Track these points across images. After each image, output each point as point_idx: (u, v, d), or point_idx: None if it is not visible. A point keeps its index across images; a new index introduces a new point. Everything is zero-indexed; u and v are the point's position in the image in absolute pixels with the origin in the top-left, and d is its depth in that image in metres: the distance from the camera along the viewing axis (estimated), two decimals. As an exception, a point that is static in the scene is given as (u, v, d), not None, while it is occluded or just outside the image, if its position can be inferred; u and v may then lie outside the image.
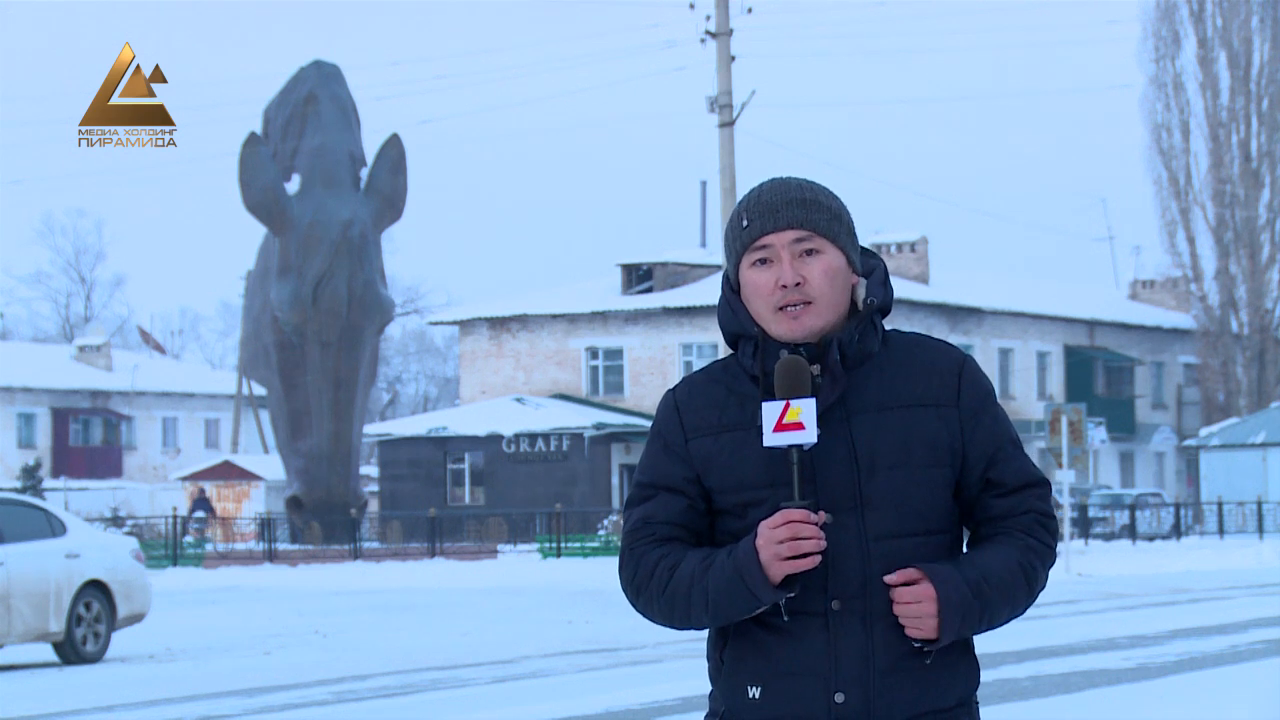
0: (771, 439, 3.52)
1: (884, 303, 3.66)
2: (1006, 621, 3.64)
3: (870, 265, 3.70)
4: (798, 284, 3.58)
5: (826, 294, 3.59)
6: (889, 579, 3.52)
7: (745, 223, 3.63)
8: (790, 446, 3.51)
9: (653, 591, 3.60)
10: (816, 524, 3.47)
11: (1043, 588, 3.65)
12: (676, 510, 3.63)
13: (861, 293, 3.65)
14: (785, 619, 3.55)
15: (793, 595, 3.50)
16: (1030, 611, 3.70)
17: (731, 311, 3.67)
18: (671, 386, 3.75)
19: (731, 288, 3.69)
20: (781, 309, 3.59)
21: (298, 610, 28.74)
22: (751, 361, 3.63)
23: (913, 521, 3.57)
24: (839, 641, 3.54)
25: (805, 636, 3.55)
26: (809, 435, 3.51)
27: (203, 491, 64.70)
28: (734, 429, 3.61)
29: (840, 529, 3.53)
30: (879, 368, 3.63)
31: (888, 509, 3.56)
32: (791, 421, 3.51)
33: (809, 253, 3.60)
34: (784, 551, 3.45)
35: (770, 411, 3.53)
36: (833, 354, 3.59)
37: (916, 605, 3.50)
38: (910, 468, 3.57)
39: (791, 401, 3.52)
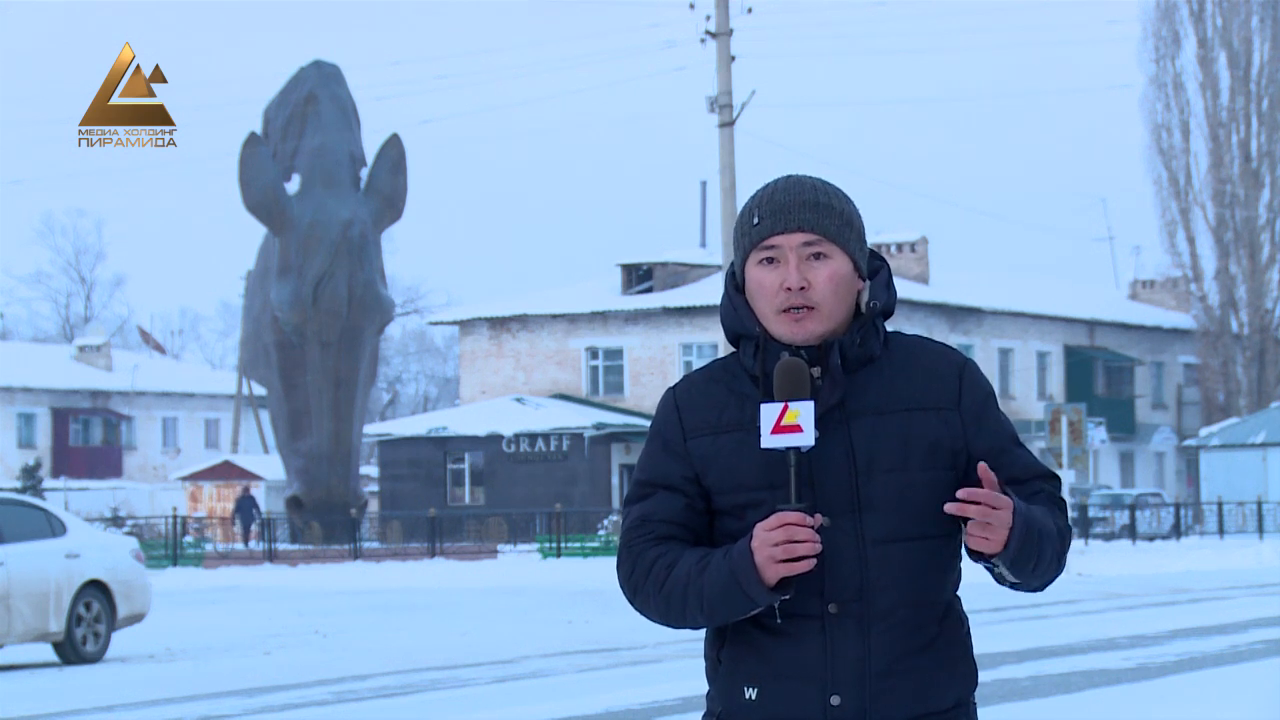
0: (769, 441, 3.51)
1: (887, 306, 3.65)
2: (1041, 578, 3.57)
3: (874, 267, 3.68)
4: (802, 288, 3.56)
5: (830, 300, 3.58)
6: (981, 469, 3.45)
7: (756, 220, 3.61)
8: (788, 449, 3.51)
9: (649, 590, 3.60)
10: (812, 527, 3.46)
11: (1064, 566, 3.62)
12: (675, 509, 3.62)
13: (865, 296, 3.64)
14: (779, 621, 3.54)
15: (788, 598, 3.50)
16: (1030, 611, 3.71)
17: (734, 309, 3.65)
18: (672, 385, 3.74)
19: (736, 285, 3.67)
20: (784, 311, 3.57)
21: (298, 610, 28.74)
22: (753, 361, 3.62)
23: (911, 525, 3.56)
24: (835, 644, 3.53)
25: (802, 639, 3.54)
26: (806, 438, 3.49)
27: (247, 489, 64.52)
28: (733, 429, 3.60)
29: (838, 532, 3.52)
30: (880, 371, 3.62)
31: (886, 512, 3.54)
32: (789, 424, 3.50)
33: (817, 256, 3.58)
34: (778, 554, 3.44)
35: (768, 413, 3.52)
36: (834, 357, 3.58)
37: (999, 512, 3.43)
38: (909, 471, 3.56)
39: (790, 404, 3.51)
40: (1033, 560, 3.52)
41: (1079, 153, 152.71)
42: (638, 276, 65.84)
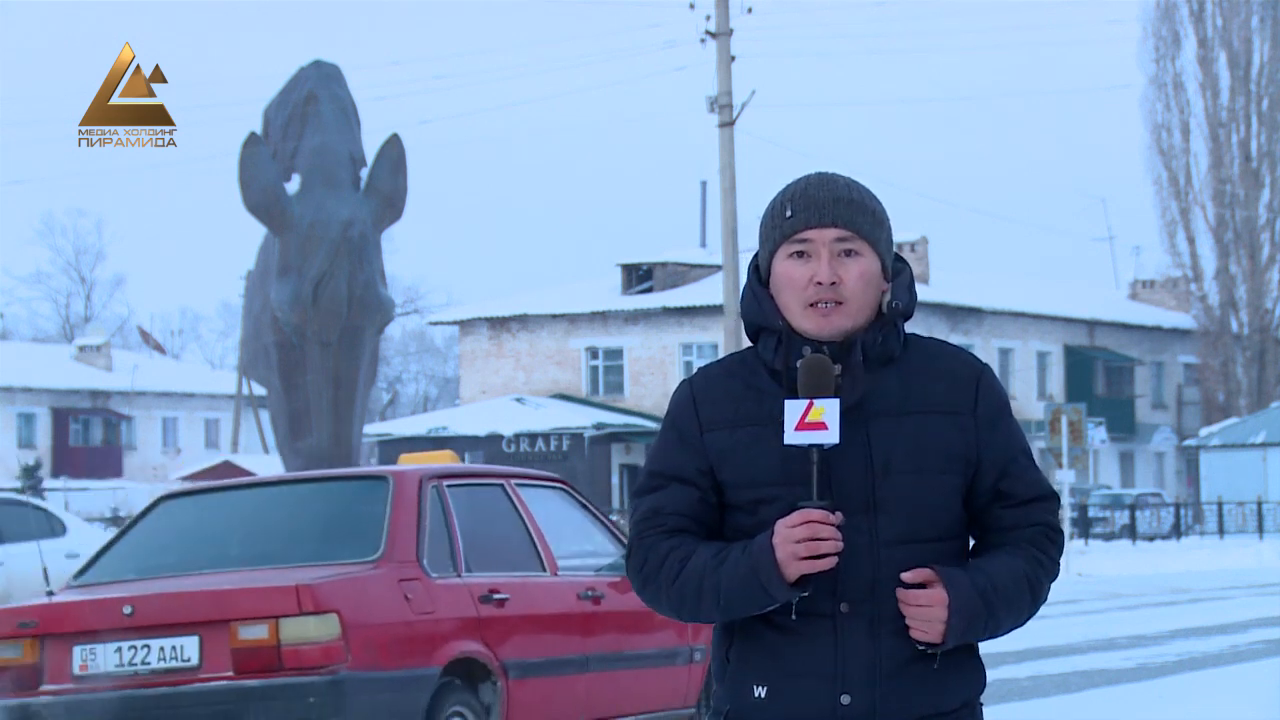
0: (793, 437, 3.50)
1: (908, 308, 3.65)
2: (1008, 631, 3.65)
3: (897, 269, 3.69)
4: (833, 283, 3.56)
5: (859, 297, 3.58)
6: (906, 576, 3.51)
7: (789, 213, 3.60)
8: (810, 446, 3.50)
9: (662, 582, 3.59)
10: (835, 525, 3.46)
11: (1044, 601, 3.66)
12: (688, 502, 3.61)
13: (888, 296, 3.64)
14: (794, 618, 3.54)
15: (806, 594, 3.50)
16: (1030, 611, 3.72)
17: (756, 302, 3.64)
18: (688, 376, 3.71)
19: (759, 278, 3.67)
20: (812, 305, 3.57)
21: (298, 610, 28.68)
22: (774, 355, 3.60)
23: (923, 527, 3.56)
24: (846, 644, 3.54)
25: (812, 638, 3.55)
26: (831, 436, 3.49)
27: None
28: (750, 424, 3.59)
29: (851, 531, 3.52)
30: (898, 372, 3.62)
31: (899, 514, 3.55)
32: (814, 421, 3.49)
33: (848, 253, 3.59)
34: (801, 551, 3.44)
35: (793, 409, 3.51)
36: (856, 355, 3.58)
37: (927, 609, 3.50)
38: (924, 473, 3.56)
39: (815, 400, 3.50)
40: (985, 632, 3.57)
41: (1079, 153, 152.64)
42: (638, 276, 65.84)
